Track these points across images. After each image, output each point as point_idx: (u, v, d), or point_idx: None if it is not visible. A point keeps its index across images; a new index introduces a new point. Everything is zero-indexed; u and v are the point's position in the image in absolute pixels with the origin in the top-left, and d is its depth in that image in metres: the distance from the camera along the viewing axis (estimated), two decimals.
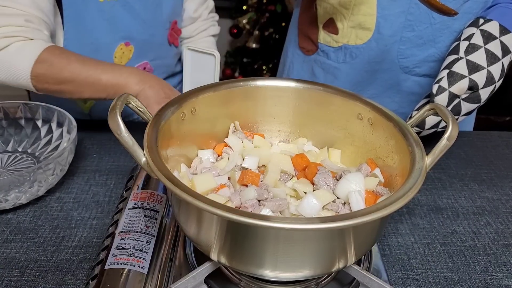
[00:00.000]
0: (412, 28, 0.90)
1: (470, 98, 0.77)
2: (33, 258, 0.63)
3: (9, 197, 0.68)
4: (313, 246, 0.49)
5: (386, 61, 0.94)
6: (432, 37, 0.90)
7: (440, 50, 0.92)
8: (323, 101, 0.68)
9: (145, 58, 1.02)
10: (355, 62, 0.96)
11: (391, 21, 0.90)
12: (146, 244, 0.60)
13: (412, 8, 0.88)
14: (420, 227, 0.73)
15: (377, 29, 0.91)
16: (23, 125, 0.84)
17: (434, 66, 0.94)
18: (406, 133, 0.58)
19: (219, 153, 0.67)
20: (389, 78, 0.97)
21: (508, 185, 0.84)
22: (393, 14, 0.89)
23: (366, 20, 0.91)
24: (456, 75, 0.75)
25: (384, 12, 0.89)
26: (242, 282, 0.58)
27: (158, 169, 0.48)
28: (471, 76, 0.75)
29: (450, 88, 0.75)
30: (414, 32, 0.90)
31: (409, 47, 0.92)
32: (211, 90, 0.65)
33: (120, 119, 0.50)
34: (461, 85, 0.75)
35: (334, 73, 1.00)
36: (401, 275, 0.64)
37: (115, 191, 0.77)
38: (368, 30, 0.92)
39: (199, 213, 0.49)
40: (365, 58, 0.95)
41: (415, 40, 0.91)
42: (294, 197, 0.60)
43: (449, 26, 0.89)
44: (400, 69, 0.95)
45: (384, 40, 0.92)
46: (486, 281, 0.64)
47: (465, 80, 0.75)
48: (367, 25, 0.91)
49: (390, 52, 0.93)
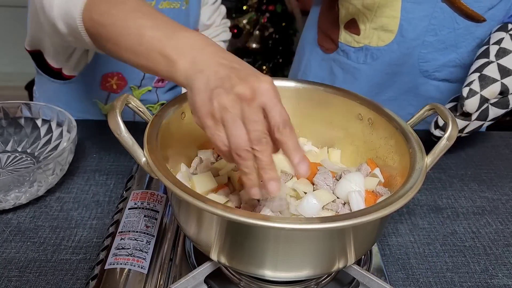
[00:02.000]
0: (435, 32, 0.90)
1: (499, 103, 0.77)
2: (33, 258, 0.63)
3: (9, 197, 0.68)
4: (313, 246, 0.49)
5: (407, 64, 0.94)
6: (454, 42, 0.90)
7: (461, 55, 0.92)
8: (323, 101, 0.68)
9: None
10: (375, 63, 0.96)
11: (415, 25, 0.89)
12: (146, 244, 0.60)
13: (436, 13, 0.88)
14: (420, 227, 0.73)
15: (400, 32, 0.91)
16: (23, 125, 0.84)
17: (454, 71, 0.94)
18: (406, 133, 0.58)
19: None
20: (408, 82, 0.97)
21: (508, 185, 0.84)
22: (417, 18, 0.89)
23: (389, 22, 0.91)
24: (488, 78, 0.74)
25: (408, 15, 0.89)
26: (242, 282, 0.58)
27: (158, 169, 0.48)
28: (503, 80, 0.74)
29: (481, 92, 0.74)
30: (437, 36, 0.90)
31: (430, 51, 0.92)
32: None
33: (120, 119, 0.50)
34: (493, 89, 0.74)
35: (354, 73, 0.99)
36: (401, 275, 0.64)
37: (115, 191, 0.77)
38: (391, 33, 0.91)
39: (199, 213, 0.49)
40: (385, 60, 0.95)
41: (437, 44, 0.91)
42: (294, 197, 0.60)
43: (472, 32, 0.89)
44: (420, 73, 0.95)
45: (406, 43, 0.91)
46: (486, 281, 0.64)
47: (497, 84, 0.74)
48: (390, 28, 0.91)
49: (411, 55, 0.93)
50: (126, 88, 0.99)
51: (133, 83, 0.99)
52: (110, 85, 0.97)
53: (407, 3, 0.88)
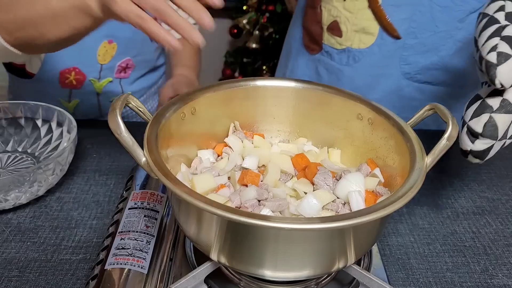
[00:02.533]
0: (415, 35, 0.89)
1: None
2: (33, 258, 0.63)
3: (9, 197, 0.68)
4: (313, 246, 0.49)
5: (389, 66, 0.94)
6: (435, 45, 0.90)
7: (443, 59, 0.91)
8: (323, 101, 0.68)
9: (128, 55, 1.03)
10: (358, 65, 0.96)
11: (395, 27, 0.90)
12: (146, 244, 0.60)
13: (415, 16, 0.88)
14: (420, 227, 0.73)
15: (380, 35, 0.91)
16: (23, 125, 0.84)
17: (436, 74, 0.94)
18: (406, 133, 0.58)
19: (219, 153, 0.67)
20: (391, 83, 0.96)
21: (508, 185, 0.84)
22: (397, 21, 0.89)
23: (370, 25, 0.91)
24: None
25: (389, 18, 0.89)
26: (242, 282, 0.58)
27: (158, 169, 0.48)
28: None
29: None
30: (417, 39, 0.90)
31: (411, 54, 0.92)
32: (211, 90, 0.65)
33: (120, 119, 0.50)
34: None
35: (338, 75, 0.99)
36: (401, 275, 0.64)
37: (115, 191, 0.77)
38: (372, 35, 0.92)
39: (199, 213, 0.49)
40: (367, 62, 0.95)
41: (418, 47, 0.91)
42: (294, 197, 0.60)
43: (453, 35, 0.89)
44: (402, 75, 0.95)
45: (386, 46, 0.92)
46: (486, 281, 0.64)
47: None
48: (371, 30, 0.91)
49: (393, 57, 0.93)
50: (86, 82, 1.00)
51: (92, 75, 1.00)
52: (69, 81, 0.98)
53: (386, 6, 0.88)
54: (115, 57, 1.01)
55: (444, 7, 0.86)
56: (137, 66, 1.07)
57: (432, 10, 0.86)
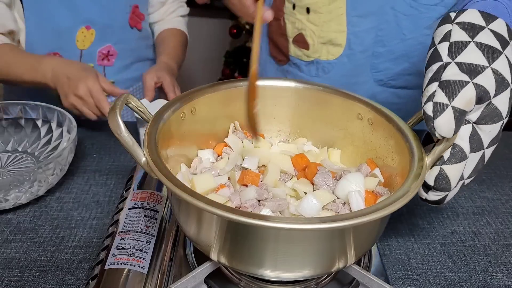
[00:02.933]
0: (383, 43, 0.89)
1: (487, 116, 0.53)
2: (33, 258, 0.63)
3: (9, 197, 0.68)
4: (313, 246, 0.49)
5: (361, 75, 0.93)
6: (405, 52, 0.89)
7: (415, 64, 0.91)
8: (323, 101, 0.68)
9: (108, 41, 1.05)
10: (328, 76, 0.95)
11: (362, 38, 0.89)
12: (146, 244, 0.60)
13: (382, 25, 0.87)
14: (420, 227, 0.73)
15: (348, 45, 0.90)
16: (23, 125, 0.84)
17: (410, 79, 0.93)
18: (406, 133, 0.58)
19: (219, 153, 0.67)
20: (366, 90, 0.95)
21: (508, 185, 0.84)
22: (364, 31, 0.88)
23: (337, 36, 0.89)
24: (453, 83, 0.51)
25: (354, 29, 0.88)
26: (242, 282, 0.58)
27: (158, 169, 0.48)
28: (475, 81, 0.51)
29: (452, 103, 0.50)
30: (386, 47, 0.89)
31: (382, 61, 0.91)
32: (211, 90, 0.65)
33: (120, 119, 0.50)
34: (466, 94, 0.51)
35: None
36: (401, 275, 0.64)
37: (115, 191, 0.77)
38: (339, 46, 0.90)
39: (199, 213, 0.49)
40: (338, 73, 0.93)
41: (387, 55, 0.90)
42: (294, 197, 0.60)
43: (422, 42, 0.88)
44: (375, 82, 0.94)
45: (355, 56, 0.91)
46: (486, 281, 0.64)
47: (469, 87, 0.51)
48: (338, 41, 0.90)
49: (364, 66, 0.92)
50: None
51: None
52: None
53: (352, 17, 0.87)
54: (95, 43, 1.03)
55: (408, 15, 0.85)
56: (120, 54, 1.08)
57: (397, 19, 0.86)
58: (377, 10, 0.86)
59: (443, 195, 0.56)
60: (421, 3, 0.84)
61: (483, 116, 0.53)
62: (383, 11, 0.86)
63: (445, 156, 0.54)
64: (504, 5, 0.56)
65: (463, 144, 0.54)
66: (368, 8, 0.86)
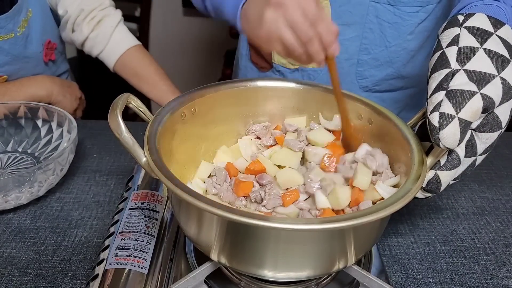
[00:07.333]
0: (368, 51, 0.90)
1: (487, 125, 0.53)
2: (33, 259, 0.63)
3: (9, 197, 0.68)
4: (313, 246, 0.49)
5: (346, 81, 0.93)
6: (389, 59, 0.90)
7: (398, 69, 0.92)
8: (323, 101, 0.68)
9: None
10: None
11: (346, 46, 0.89)
12: (146, 244, 0.60)
13: (366, 33, 0.88)
14: (420, 227, 0.73)
15: None
16: (23, 125, 0.84)
17: (393, 83, 0.94)
18: (406, 134, 0.58)
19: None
20: None
21: (508, 185, 0.84)
22: (348, 39, 0.88)
23: None
24: (461, 93, 0.51)
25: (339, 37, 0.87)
26: (242, 282, 0.58)
27: (158, 169, 0.48)
28: (483, 91, 0.51)
29: (459, 114, 0.50)
30: (370, 55, 0.90)
31: (367, 69, 0.92)
32: (212, 90, 0.65)
33: (120, 119, 0.50)
34: (474, 105, 0.50)
35: None
36: (401, 275, 0.64)
37: (115, 191, 0.77)
38: None
39: (200, 214, 0.49)
40: (323, 80, 0.92)
41: (372, 62, 0.91)
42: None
43: (405, 47, 0.89)
44: (360, 89, 0.95)
45: (340, 63, 0.91)
46: (486, 281, 0.64)
47: (476, 98, 0.50)
48: None
49: (349, 74, 0.93)
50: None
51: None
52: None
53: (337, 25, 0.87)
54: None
55: (392, 23, 0.86)
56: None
57: (381, 27, 0.86)
58: (361, 19, 0.87)
59: (429, 196, 0.57)
60: (404, 11, 0.85)
61: (483, 124, 0.53)
62: (368, 20, 0.86)
63: (441, 161, 0.54)
64: (503, 10, 0.56)
65: (460, 151, 0.54)
66: (352, 17, 0.86)
